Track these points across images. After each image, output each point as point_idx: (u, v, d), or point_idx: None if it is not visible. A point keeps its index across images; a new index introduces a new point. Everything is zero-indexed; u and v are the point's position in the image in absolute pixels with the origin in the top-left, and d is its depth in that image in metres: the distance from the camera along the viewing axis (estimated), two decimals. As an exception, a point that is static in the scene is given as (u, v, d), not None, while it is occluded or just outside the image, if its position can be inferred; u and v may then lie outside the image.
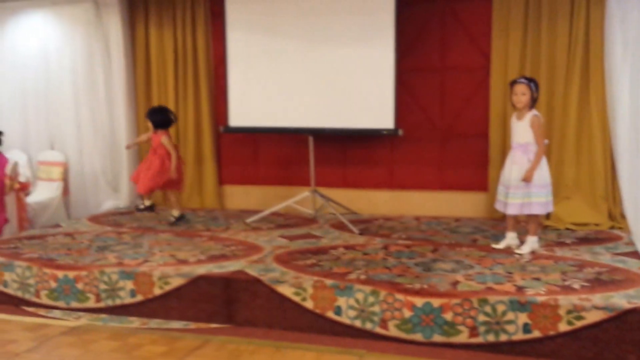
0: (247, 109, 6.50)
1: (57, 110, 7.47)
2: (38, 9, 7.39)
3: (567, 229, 5.67)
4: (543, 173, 4.71)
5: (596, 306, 3.60)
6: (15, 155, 7.36)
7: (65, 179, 7.39)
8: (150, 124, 6.14)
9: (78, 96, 7.36)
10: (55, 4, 7.31)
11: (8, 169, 5.88)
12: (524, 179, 4.67)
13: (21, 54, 7.53)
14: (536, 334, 3.69)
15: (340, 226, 5.91)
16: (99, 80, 7.27)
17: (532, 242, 4.82)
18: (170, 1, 7.08)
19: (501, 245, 4.95)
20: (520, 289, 3.91)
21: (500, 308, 3.74)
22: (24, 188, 6.19)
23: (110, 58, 7.26)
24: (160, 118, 6.12)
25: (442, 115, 6.46)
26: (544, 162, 4.74)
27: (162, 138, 6.03)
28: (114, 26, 7.16)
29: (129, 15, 7.27)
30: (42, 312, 4.67)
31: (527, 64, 5.99)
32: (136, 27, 7.26)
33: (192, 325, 4.33)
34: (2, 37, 7.61)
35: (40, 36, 7.44)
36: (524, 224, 5.04)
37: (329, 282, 4.12)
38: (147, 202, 6.13)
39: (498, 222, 5.98)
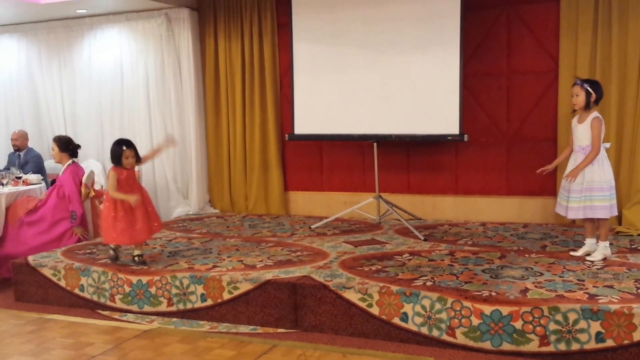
0: (312, 116, 6.59)
1: (131, 121, 7.78)
2: (113, 24, 7.73)
3: (641, 235, 5.48)
4: (606, 176, 4.57)
5: (674, 316, 3.47)
6: (90, 164, 7.69)
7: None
8: (132, 159, 5.01)
9: (150, 107, 7.63)
10: (129, 19, 7.62)
11: (84, 178, 6.13)
12: (568, 176, 4.61)
13: (97, 67, 7.89)
14: (610, 343, 3.59)
15: (404, 232, 5.89)
16: (170, 91, 7.52)
17: (603, 248, 4.68)
18: (238, 14, 7.26)
19: (580, 253, 4.80)
20: (592, 296, 3.81)
21: (572, 316, 3.65)
22: (99, 196, 6.42)
23: (181, 70, 7.50)
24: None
25: (509, 119, 6.36)
26: (607, 165, 4.60)
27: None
28: (185, 39, 7.40)
29: (198, 28, 7.50)
30: (116, 315, 4.84)
31: (597, 66, 5.84)
32: (206, 39, 7.47)
33: (260, 329, 4.42)
34: (80, 51, 7.99)
35: (115, 50, 7.77)
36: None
37: (394, 288, 4.12)
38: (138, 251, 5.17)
39: (567, 228, 5.84)
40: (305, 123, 6.63)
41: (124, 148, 4.96)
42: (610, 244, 4.83)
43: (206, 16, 7.44)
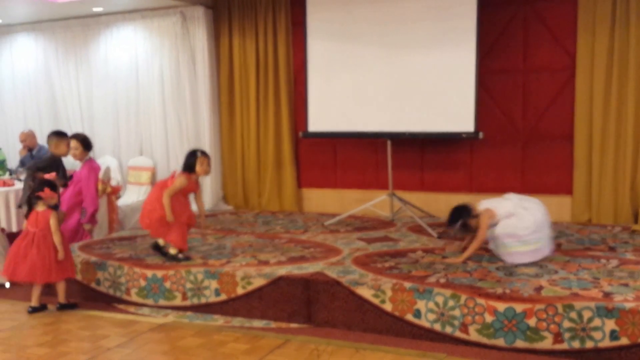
0: (325, 114, 6.60)
1: (146, 118, 7.83)
2: (129, 22, 7.78)
3: (657, 234, 5.44)
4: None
5: (690, 314, 3.45)
6: (107, 161, 7.75)
7: (153, 183, 7.71)
8: (207, 167, 5.40)
9: (165, 104, 7.68)
10: (145, 17, 7.67)
11: (101, 174, 6.16)
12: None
13: (113, 65, 7.95)
14: (624, 341, 3.57)
15: (418, 229, 5.88)
16: (185, 88, 7.55)
17: None
18: (253, 12, 7.28)
19: None
20: (607, 294, 3.79)
21: (587, 314, 3.63)
22: (115, 191, 6.47)
23: (195, 68, 7.53)
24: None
25: (525, 117, 6.33)
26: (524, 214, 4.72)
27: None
28: (200, 37, 7.43)
29: (213, 26, 7.52)
30: (132, 309, 4.88)
31: (614, 63, 5.79)
32: (220, 37, 7.50)
33: (273, 324, 4.44)
34: (96, 49, 8.05)
35: (130, 48, 7.82)
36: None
37: (407, 285, 4.12)
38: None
39: (583, 226, 5.80)
40: (319, 121, 6.64)
41: (199, 154, 5.28)
42: (626, 242, 4.79)
43: (221, 14, 7.46)
